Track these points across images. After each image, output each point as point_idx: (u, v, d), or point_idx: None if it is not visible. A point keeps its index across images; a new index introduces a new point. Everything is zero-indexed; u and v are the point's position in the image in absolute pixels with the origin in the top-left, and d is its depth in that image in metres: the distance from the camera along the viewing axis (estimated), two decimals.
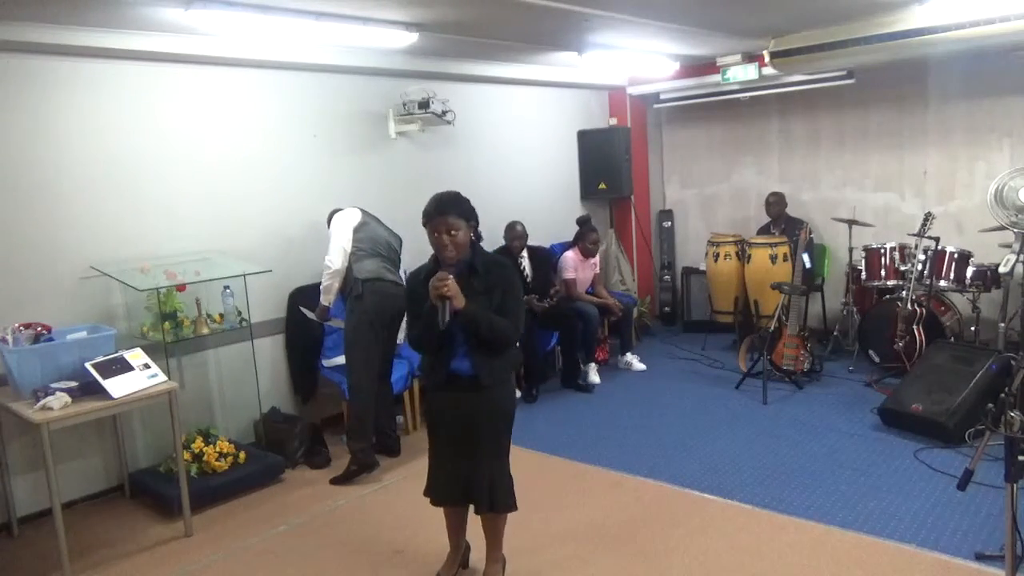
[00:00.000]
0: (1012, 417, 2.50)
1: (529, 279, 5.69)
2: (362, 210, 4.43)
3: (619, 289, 7.03)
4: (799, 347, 5.39)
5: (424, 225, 2.80)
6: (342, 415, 4.79)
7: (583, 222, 6.11)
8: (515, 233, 5.59)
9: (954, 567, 3.02)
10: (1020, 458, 2.44)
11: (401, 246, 4.54)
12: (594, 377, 5.74)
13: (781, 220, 6.42)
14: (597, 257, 6.15)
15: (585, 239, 5.93)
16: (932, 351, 4.78)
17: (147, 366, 3.59)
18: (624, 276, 7.24)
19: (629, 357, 6.12)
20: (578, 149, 7.06)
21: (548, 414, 5.18)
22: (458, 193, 2.88)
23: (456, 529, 3.13)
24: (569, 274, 5.89)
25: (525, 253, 5.70)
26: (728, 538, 3.36)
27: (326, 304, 4.35)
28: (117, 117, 4.08)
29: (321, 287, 4.31)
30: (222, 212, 4.54)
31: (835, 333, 6.09)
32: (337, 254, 4.21)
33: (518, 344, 2.95)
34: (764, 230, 6.56)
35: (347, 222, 4.31)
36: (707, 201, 7.50)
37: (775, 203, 6.45)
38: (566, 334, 5.73)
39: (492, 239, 5.89)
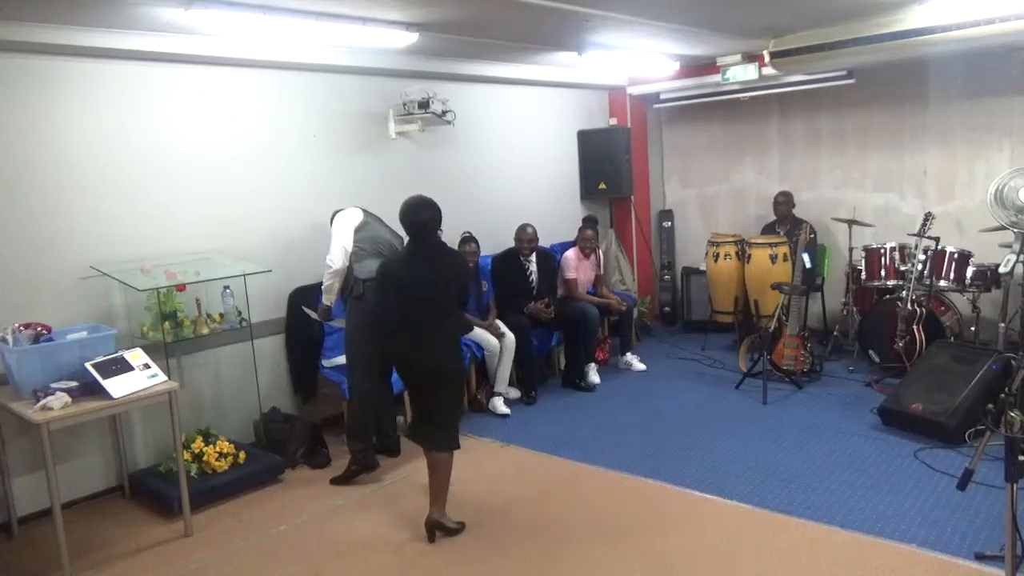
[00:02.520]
0: (1012, 417, 2.50)
1: (535, 282, 5.68)
2: (364, 210, 4.43)
3: (619, 289, 7.03)
4: (799, 347, 5.39)
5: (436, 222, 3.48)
6: (342, 415, 4.79)
7: (583, 219, 6.14)
8: (525, 235, 5.61)
9: (954, 567, 3.02)
10: (1020, 458, 2.44)
11: (403, 244, 4.54)
12: (594, 377, 5.74)
13: (787, 220, 6.41)
14: (599, 256, 6.16)
15: (579, 235, 5.95)
16: (932, 351, 4.78)
17: (147, 366, 3.59)
18: (624, 276, 7.24)
19: (629, 357, 6.11)
20: (578, 149, 7.07)
21: (548, 414, 5.18)
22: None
23: None
24: (570, 274, 5.90)
25: (534, 256, 5.69)
26: (728, 538, 3.36)
27: (328, 304, 4.35)
28: (117, 117, 4.08)
29: (323, 287, 4.31)
30: (222, 212, 4.54)
31: (835, 333, 6.09)
32: (338, 254, 4.21)
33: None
34: (768, 229, 6.55)
35: (348, 222, 4.31)
36: (707, 201, 7.50)
37: (784, 203, 6.44)
38: (569, 334, 5.73)
39: (495, 239, 5.91)
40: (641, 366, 6.08)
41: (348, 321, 4.24)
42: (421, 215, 3.42)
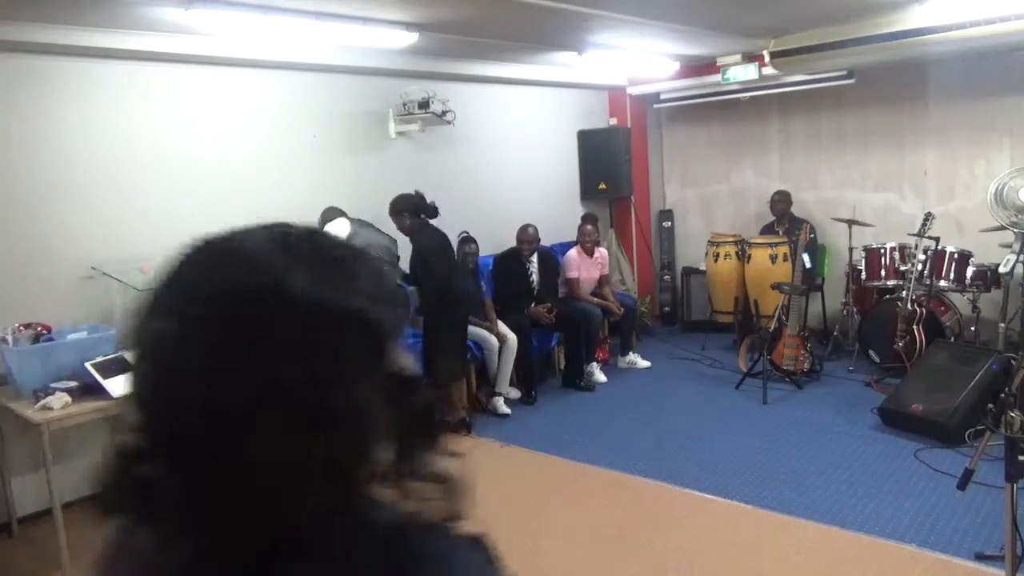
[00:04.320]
0: (1012, 417, 2.50)
1: (536, 283, 5.67)
2: (349, 220, 4.41)
3: (619, 289, 7.02)
4: (799, 347, 5.38)
5: None
6: None
7: (582, 217, 6.16)
8: (525, 236, 5.60)
9: (954, 567, 3.02)
10: (1020, 458, 2.44)
11: (397, 246, 4.54)
12: (599, 376, 5.73)
13: (785, 219, 6.41)
14: (603, 255, 6.15)
15: (579, 233, 5.95)
16: (932, 351, 4.78)
17: None
18: (624, 276, 7.24)
19: (632, 356, 6.11)
20: (578, 149, 7.06)
21: (548, 414, 5.17)
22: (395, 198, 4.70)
23: None
24: (572, 273, 5.89)
25: (535, 256, 5.68)
26: (728, 538, 3.36)
27: None
28: (117, 117, 4.08)
29: None
30: (222, 212, 4.51)
31: (835, 333, 6.09)
32: None
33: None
34: (768, 229, 6.55)
35: (339, 235, 4.30)
36: (707, 201, 7.50)
37: (780, 201, 6.44)
38: (570, 334, 5.73)
39: (495, 239, 5.91)
40: (645, 363, 6.08)
41: None
42: (423, 200, 4.63)
